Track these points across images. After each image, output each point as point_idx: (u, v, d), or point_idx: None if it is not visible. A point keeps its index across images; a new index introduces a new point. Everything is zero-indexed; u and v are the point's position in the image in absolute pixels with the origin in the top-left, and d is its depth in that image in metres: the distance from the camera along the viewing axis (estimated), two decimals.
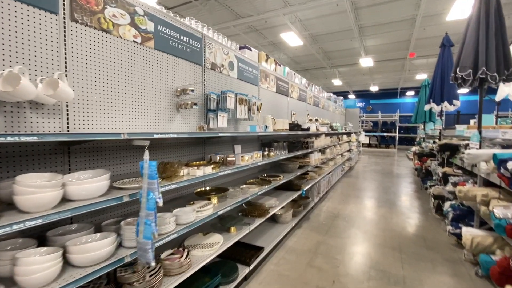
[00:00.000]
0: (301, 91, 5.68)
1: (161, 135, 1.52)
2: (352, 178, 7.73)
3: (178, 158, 2.39)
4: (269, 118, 3.12)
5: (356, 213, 4.61)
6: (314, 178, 4.87)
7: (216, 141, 2.95)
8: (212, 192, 2.31)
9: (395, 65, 14.98)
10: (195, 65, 2.60)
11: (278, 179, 3.28)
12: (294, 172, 3.83)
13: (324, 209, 4.78)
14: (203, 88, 2.70)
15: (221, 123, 2.65)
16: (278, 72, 4.57)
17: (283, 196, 3.66)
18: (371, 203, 5.28)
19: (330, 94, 9.56)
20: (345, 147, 8.78)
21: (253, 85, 3.68)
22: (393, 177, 8.08)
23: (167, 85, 2.27)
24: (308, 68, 15.82)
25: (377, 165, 10.52)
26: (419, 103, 8.59)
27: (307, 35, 10.67)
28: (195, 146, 2.64)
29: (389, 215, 4.54)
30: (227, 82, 3.08)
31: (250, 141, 3.69)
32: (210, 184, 2.87)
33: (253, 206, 3.06)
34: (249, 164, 2.49)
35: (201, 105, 2.67)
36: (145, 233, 1.25)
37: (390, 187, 6.65)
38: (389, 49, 12.34)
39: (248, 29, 10.37)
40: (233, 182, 3.16)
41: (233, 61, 3.17)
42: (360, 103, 22.81)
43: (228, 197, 2.39)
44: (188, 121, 2.51)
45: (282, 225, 3.62)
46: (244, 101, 2.88)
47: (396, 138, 18.49)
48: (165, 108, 2.26)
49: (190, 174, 1.84)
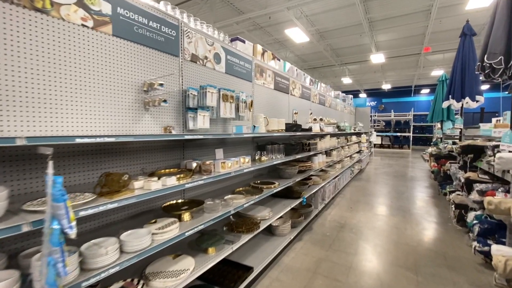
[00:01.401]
0: (305, 88, 5.24)
1: (89, 139, 1.15)
2: (362, 182, 7.21)
3: (147, 165, 2.02)
4: (260, 117, 2.72)
5: (365, 223, 4.13)
6: (318, 183, 4.42)
7: (199, 144, 2.58)
8: (184, 206, 1.93)
9: (408, 61, 14.23)
10: (170, 56, 2.23)
11: (273, 187, 2.87)
12: (293, 178, 3.41)
13: (329, 218, 4.32)
14: (180, 83, 2.33)
15: (201, 123, 2.28)
16: (277, 67, 4.16)
17: (280, 205, 3.24)
18: (383, 210, 4.77)
19: (339, 92, 9.05)
20: (355, 148, 8.25)
21: (245, 81, 3.28)
22: (407, 180, 7.49)
23: (130, 79, 1.91)
24: (316, 66, 15.30)
25: (390, 167, 9.90)
26: (435, 101, 7.95)
27: (314, 31, 10.19)
28: (170, 150, 2.27)
29: (403, 225, 4.03)
30: (212, 76, 2.71)
31: (243, 143, 3.29)
32: (192, 194, 2.50)
33: (241, 219, 2.66)
34: (231, 172, 2.10)
35: (178, 102, 2.31)
36: (48, 278, 0.89)
37: (403, 192, 6.10)
38: (402, 44, 11.68)
39: (252, 26, 10.00)
40: (220, 191, 2.77)
41: (219, 53, 2.79)
42: (372, 102, 22.00)
43: (205, 212, 2.00)
44: (160, 121, 2.14)
45: (279, 238, 3.20)
46: (229, 97, 2.50)
47: (410, 138, 17.63)
48: (129, 106, 1.90)
49: (145, 188, 1.47)
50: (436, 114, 7.78)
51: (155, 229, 1.51)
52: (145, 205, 2.05)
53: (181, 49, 2.33)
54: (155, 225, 1.59)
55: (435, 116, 7.86)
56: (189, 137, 1.68)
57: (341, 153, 6.30)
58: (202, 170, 1.92)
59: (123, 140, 1.32)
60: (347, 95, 10.34)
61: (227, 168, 2.12)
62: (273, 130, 2.96)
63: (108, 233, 1.52)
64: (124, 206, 1.80)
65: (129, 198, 1.30)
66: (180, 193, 2.39)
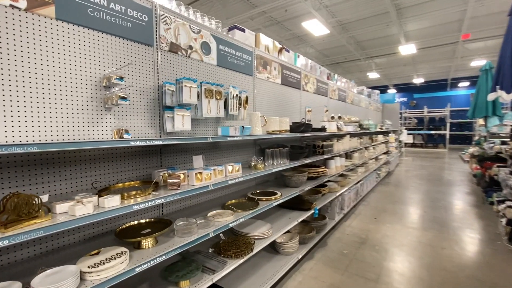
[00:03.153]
0: (320, 83, 4.69)
1: None
2: (389, 187, 6.45)
3: (106, 177, 1.67)
4: (255, 116, 2.28)
5: (391, 238, 3.51)
6: (335, 191, 3.87)
7: (181, 149, 2.20)
8: (147, 229, 1.55)
9: (444, 52, 12.88)
10: (141, 46, 1.87)
11: (274, 198, 2.42)
12: (300, 186, 2.92)
13: (348, 231, 3.75)
14: (155, 77, 1.96)
15: (179, 124, 1.89)
16: (285, 59, 3.68)
17: (285, 219, 2.77)
18: (413, 222, 4.09)
19: (363, 87, 8.30)
20: (381, 149, 7.47)
21: (244, 75, 2.86)
22: (443, 184, 6.59)
23: (83, 74, 1.57)
24: (339, 61, 14.43)
25: (423, 169, 8.90)
26: (477, 94, 6.91)
27: (335, 23, 9.49)
28: (142, 157, 1.91)
29: (439, 243, 3.36)
30: (199, 69, 2.32)
31: (242, 147, 2.87)
32: (173, 208, 2.13)
33: (233, 238, 2.24)
34: (209, 185, 1.68)
35: (152, 100, 1.94)
36: None
37: (439, 199, 5.29)
38: (435, 32, 10.52)
39: (268, 22, 9.54)
40: (208, 204, 2.38)
41: (208, 42, 2.39)
42: (402, 98, 20.47)
43: (176, 235, 1.61)
44: (126, 122, 1.79)
45: (284, 257, 2.73)
46: (216, 93, 2.08)
47: (447, 137, 16.00)
48: (82, 106, 1.56)
49: (69, 213, 1.11)
50: (479, 109, 6.76)
51: (89, 266, 1.14)
52: (104, 226, 1.70)
53: (156, 37, 1.96)
54: (94, 259, 1.22)
55: (477, 112, 6.83)
56: (137, 143, 1.29)
57: (365, 154, 5.64)
58: (168, 184, 1.53)
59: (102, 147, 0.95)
60: (373, 90, 9.51)
61: (204, 180, 1.70)
62: (273, 131, 2.50)
63: (21, 272, 1.18)
64: (70, 229, 1.46)
65: (34, 231, 0.94)
66: (158, 208, 2.03)
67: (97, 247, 1.42)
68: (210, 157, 2.48)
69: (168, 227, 1.52)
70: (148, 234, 1.47)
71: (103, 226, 1.68)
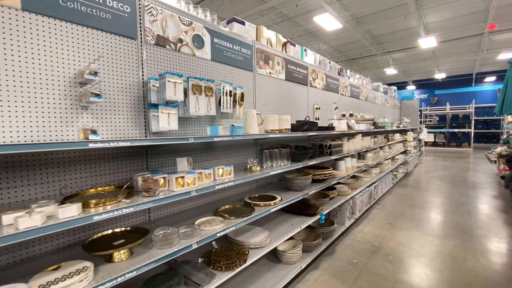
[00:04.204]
0: (330, 78, 4.42)
1: None
2: (407, 189, 6.05)
3: (81, 181, 1.54)
4: (251, 114, 2.08)
5: (408, 247, 3.21)
6: (345, 194, 3.61)
7: (170, 150, 2.05)
8: (121, 239, 1.39)
9: (468, 44, 12.09)
10: (123, 39, 1.73)
11: (272, 203, 2.21)
12: (304, 190, 2.70)
13: (360, 238, 3.48)
14: (139, 73, 1.82)
15: (165, 124, 1.73)
16: (291, 53, 3.46)
17: (286, 225, 2.56)
18: (433, 229, 3.75)
19: (379, 83, 7.88)
20: (398, 148, 7.05)
21: (243, 70, 2.67)
22: (467, 187, 6.10)
23: (57, 69, 1.44)
24: (355, 57, 13.93)
25: (445, 170, 8.35)
26: (505, 88, 6.34)
27: (349, 17, 9.09)
28: (126, 159, 1.77)
29: (462, 253, 3.03)
30: (190, 64, 2.15)
31: (241, 147, 2.69)
32: (160, 213, 1.98)
33: (227, 247, 2.06)
34: (191, 191, 1.51)
35: (136, 97, 1.80)
36: None
37: (462, 203, 4.87)
38: (458, 23, 9.86)
39: (279, 18, 9.30)
40: (201, 210, 2.21)
41: (201, 35, 2.22)
42: (422, 95, 19.53)
43: (155, 246, 1.45)
44: (107, 122, 1.65)
45: (285, 266, 2.52)
46: (206, 89, 1.91)
47: (471, 135, 15.03)
48: (56, 104, 1.43)
49: (14, 226, 0.97)
50: (507, 105, 6.19)
51: (41, 285, 1.00)
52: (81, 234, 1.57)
53: (140, 30, 1.81)
54: (51, 275, 1.08)
55: (506, 107, 6.26)
56: (99, 145, 1.13)
57: (380, 154, 5.30)
58: (146, 188, 1.37)
59: None
60: (390, 86, 9.03)
61: (187, 185, 1.53)
62: (272, 130, 2.29)
63: None
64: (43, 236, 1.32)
65: None
66: (143, 213, 1.88)
67: (65, 259, 1.29)
68: (204, 159, 2.31)
69: (144, 237, 1.37)
70: (120, 246, 1.31)
71: (79, 234, 1.55)
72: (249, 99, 2.76)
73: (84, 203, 1.17)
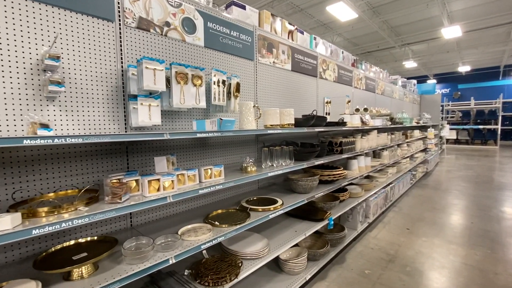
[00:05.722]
0: (342, 70, 4.07)
1: None
2: (427, 190, 5.60)
3: (49, 182, 1.35)
4: (247, 107, 1.81)
5: (427, 257, 2.86)
6: (357, 196, 3.29)
7: (157, 147, 1.83)
8: (84, 253, 1.19)
9: (495, 34, 11.20)
10: (97, 21, 1.51)
11: (272, 208, 1.96)
12: (310, 193, 2.42)
13: (373, 244, 3.16)
14: (118, 60, 1.60)
15: (145, 117, 1.51)
16: (298, 42, 3.16)
17: (290, 231, 2.30)
18: (456, 236, 3.36)
19: (397, 76, 7.39)
20: (418, 146, 6.58)
21: (242, 59, 2.41)
22: (494, 188, 5.57)
23: (14, 54, 1.25)
24: (371, 50, 13.28)
25: (468, 169, 7.75)
26: None
27: (364, 6, 8.57)
28: (101, 158, 1.57)
29: (491, 266, 2.66)
30: (180, 51, 1.92)
31: (239, 144, 2.44)
32: (145, 218, 1.77)
33: (218, 257, 1.83)
34: (168, 196, 1.28)
35: (114, 87, 1.59)
36: None
37: (490, 207, 4.41)
38: (485, 11, 9.10)
39: (290, 9, 8.92)
40: (193, 213, 1.99)
41: (192, 18, 1.98)
42: (444, 89, 18.49)
43: (125, 261, 1.23)
44: (79, 115, 1.45)
45: (289, 276, 2.27)
46: (193, 78, 1.67)
47: (498, 132, 14.01)
48: (14, 94, 1.24)
49: None
50: None
51: None
52: (49, 242, 1.38)
53: (118, 11, 1.59)
54: None
55: None
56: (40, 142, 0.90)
57: (397, 153, 4.90)
58: (107, 194, 1.16)
59: None
60: (409, 80, 8.47)
61: (163, 189, 1.31)
62: (272, 125, 2.03)
63: None
64: None
65: None
66: (124, 218, 1.68)
67: (11, 277, 1.10)
68: (196, 158, 2.08)
69: (111, 249, 1.15)
70: (80, 261, 1.11)
71: (36, 245, 1.36)
72: (250, 92, 2.50)
73: (29, 212, 0.97)
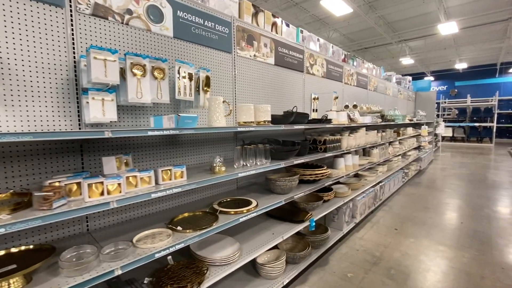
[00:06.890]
0: (332, 65, 3.94)
1: None
2: (419, 188, 5.51)
3: None
4: (215, 102, 1.68)
5: (414, 259, 2.77)
6: (343, 196, 3.18)
7: (121, 145, 1.70)
8: (14, 264, 1.06)
9: (492, 31, 11.08)
10: (43, 6, 1.36)
11: (245, 211, 1.83)
12: (289, 193, 2.30)
13: (359, 245, 3.05)
14: (69, 50, 1.46)
15: (97, 113, 1.37)
16: (283, 35, 3.02)
17: (267, 234, 2.18)
18: (446, 237, 3.27)
19: (392, 73, 7.27)
20: (411, 144, 6.48)
21: (218, 51, 2.27)
22: (487, 187, 5.49)
23: None
24: (368, 46, 13.12)
25: (463, 167, 7.68)
26: None
27: (360, 1, 8.40)
28: (51, 157, 1.43)
29: (479, 270, 2.56)
30: (144, 42, 1.78)
31: (216, 142, 2.31)
32: (107, 220, 1.64)
33: (184, 263, 1.71)
34: (111, 201, 1.15)
35: (65, 80, 1.45)
36: None
37: (482, 206, 4.32)
38: (483, 7, 8.97)
39: (284, 4, 8.74)
40: (159, 216, 1.86)
41: (159, 6, 1.83)
42: (441, 87, 18.42)
43: (63, 273, 1.11)
44: (21, 110, 1.31)
45: (265, 281, 2.16)
46: (154, 70, 1.53)
47: (494, 130, 13.96)
48: None
49: None
50: None
51: None
52: None
53: None
54: None
55: None
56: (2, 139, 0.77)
57: (388, 151, 4.79)
58: (36, 200, 1.03)
59: None
60: (404, 77, 8.35)
61: (107, 193, 1.18)
62: (245, 122, 1.89)
63: None
64: None
65: None
66: (79, 222, 1.55)
67: None
68: (166, 157, 1.95)
69: (45, 259, 1.02)
70: (6, 274, 0.98)
71: None
72: (227, 87, 2.36)
73: None
